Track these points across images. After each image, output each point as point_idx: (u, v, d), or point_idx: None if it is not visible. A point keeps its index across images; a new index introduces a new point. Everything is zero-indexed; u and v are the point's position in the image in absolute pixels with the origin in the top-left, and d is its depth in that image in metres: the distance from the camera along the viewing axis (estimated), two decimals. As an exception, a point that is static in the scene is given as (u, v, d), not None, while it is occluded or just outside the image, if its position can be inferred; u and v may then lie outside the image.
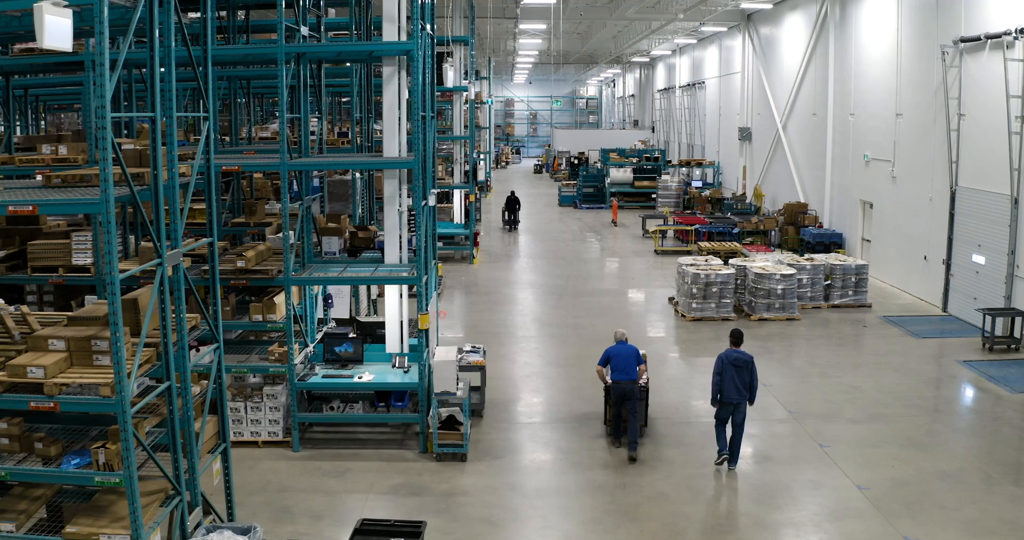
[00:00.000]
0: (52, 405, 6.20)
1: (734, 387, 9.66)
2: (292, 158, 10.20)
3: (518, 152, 65.60)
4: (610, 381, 10.42)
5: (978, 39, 16.06)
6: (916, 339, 15.64)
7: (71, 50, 5.28)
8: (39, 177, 10.33)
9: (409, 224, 10.82)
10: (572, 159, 45.96)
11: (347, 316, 13.27)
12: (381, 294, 17.51)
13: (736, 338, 10.02)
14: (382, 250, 11.13)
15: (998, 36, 15.40)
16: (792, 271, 17.11)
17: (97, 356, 6.47)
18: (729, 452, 9.93)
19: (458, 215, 24.39)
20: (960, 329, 16.23)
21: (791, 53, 26.93)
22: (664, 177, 33.72)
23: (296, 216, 12.53)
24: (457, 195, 24.20)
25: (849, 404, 12.26)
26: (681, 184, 33.20)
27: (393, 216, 10.59)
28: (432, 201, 11.09)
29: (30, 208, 6.15)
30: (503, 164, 60.14)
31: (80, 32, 9.73)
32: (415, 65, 9.68)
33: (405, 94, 10.55)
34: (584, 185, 35.78)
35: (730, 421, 9.89)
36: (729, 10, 28.75)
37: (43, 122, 20.24)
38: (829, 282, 17.88)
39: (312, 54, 10.54)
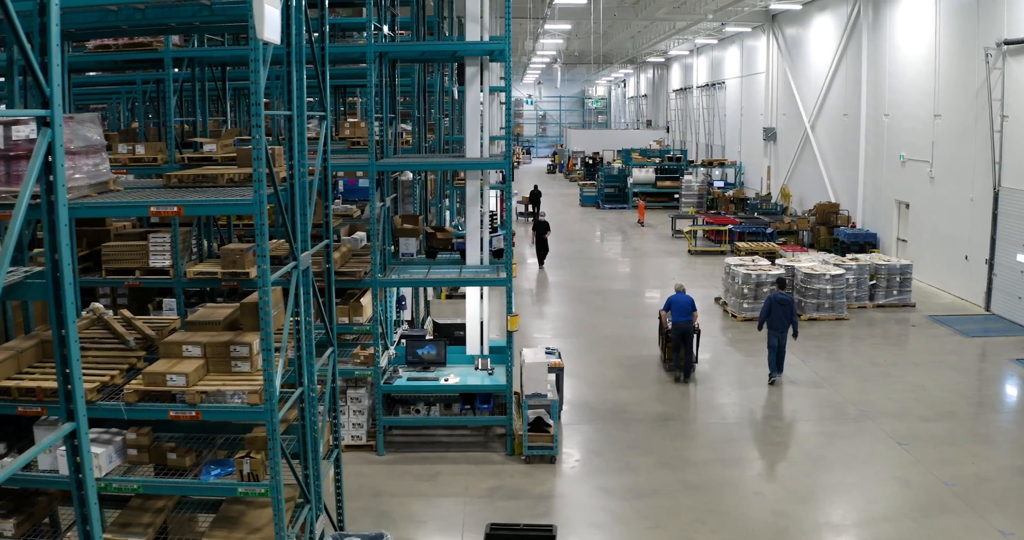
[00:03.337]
0: (194, 414, 6.02)
1: (780, 319, 12.96)
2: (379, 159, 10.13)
3: (528, 152, 65.49)
4: (670, 324, 13.26)
5: (1022, 42, 16.09)
6: (966, 338, 15.68)
7: (279, 42, 5.22)
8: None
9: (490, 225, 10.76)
10: (587, 159, 45.87)
11: (409, 318, 13.22)
12: (440, 295, 17.53)
13: (781, 283, 13.91)
14: (460, 251, 11.07)
15: (1044, 38, 15.48)
16: (841, 271, 17.13)
17: (236, 362, 6.36)
18: (777, 367, 13.20)
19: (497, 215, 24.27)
20: (1006, 328, 16.28)
21: (820, 54, 26.93)
22: (687, 177, 33.72)
23: (347, 216, 12.45)
24: (495, 195, 24.10)
25: (916, 402, 12.30)
26: (704, 184, 33.20)
27: (475, 217, 10.53)
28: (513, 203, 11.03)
29: (175, 209, 6.01)
30: (515, 164, 60.06)
31: (157, 29, 9.64)
32: (506, 65, 9.63)
33: (487, 94, 10.48)
34: (606, 185, 35.69)
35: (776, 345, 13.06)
36: (756, 11, 28.72)
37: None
38: (874, 282, 17.91)
39: (395, 53, 10.46)
